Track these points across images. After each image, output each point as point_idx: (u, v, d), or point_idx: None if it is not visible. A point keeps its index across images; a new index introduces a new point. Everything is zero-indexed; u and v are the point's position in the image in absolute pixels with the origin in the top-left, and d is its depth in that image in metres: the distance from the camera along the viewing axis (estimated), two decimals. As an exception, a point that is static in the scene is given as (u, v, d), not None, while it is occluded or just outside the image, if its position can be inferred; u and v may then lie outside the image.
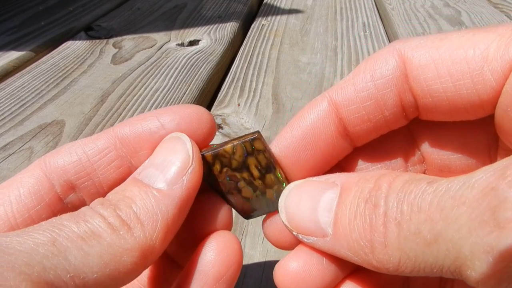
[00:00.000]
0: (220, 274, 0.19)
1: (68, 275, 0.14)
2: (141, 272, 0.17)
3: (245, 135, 0.21)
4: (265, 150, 0.20)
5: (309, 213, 0.19)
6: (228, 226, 0.21)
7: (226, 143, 0.21)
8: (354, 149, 0.21)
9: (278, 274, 0.20)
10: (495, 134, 0.18)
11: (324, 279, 0.19)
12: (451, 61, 0.17)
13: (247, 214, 0.22)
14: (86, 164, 0.19)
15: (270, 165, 0.21)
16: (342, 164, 0.22)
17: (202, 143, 0.20)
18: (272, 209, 0.21)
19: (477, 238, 0.13)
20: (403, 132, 0.21)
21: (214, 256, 0.19)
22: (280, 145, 0.21)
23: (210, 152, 0.21)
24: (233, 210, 0.22)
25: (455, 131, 0.20)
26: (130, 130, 0.20)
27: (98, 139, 0.20)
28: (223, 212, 0.21)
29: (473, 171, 0.14)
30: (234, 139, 0.21)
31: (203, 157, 0.20)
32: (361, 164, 0.22)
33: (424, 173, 0.21)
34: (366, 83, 0.19)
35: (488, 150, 0.19)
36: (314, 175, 0.21)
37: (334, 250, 0.18)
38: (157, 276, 0.23)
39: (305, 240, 0.19)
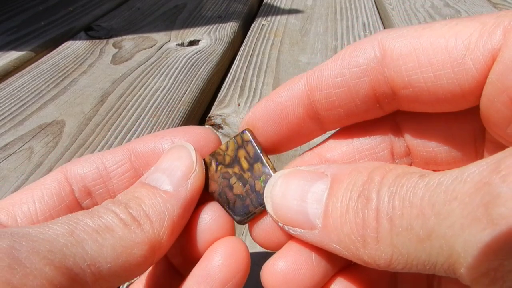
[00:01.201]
0: (227, 279, 0.19)
1: (85, 263, 0.15)
2: (149, 266, 0.18)
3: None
4: (253, 140, 0.21)
5: (296, 204, 0.18)
6: (231, 234, 0.21)
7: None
8: (339, 141, 0.21)
9: (265, 275, 0.19)
10: (481, 126, 0.18)
11: (313, 278, 0.19)
12: (432, 50, 0.17)
13: (238, 215, 0.21)
14: (103, 172, 0.21)
15: (257, 154, 0.21)
16: (325, 154, 0.22)
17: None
18: (262, 205, 0.21)
19: (470, 235, 0.12)
20: (389, 124, 0.21)
21: (222, 261, 0.19)
22: (253, 114, 0.21)
23: (207, 156, 0.22)
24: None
25: (440, 123, 0.19)
26: (144, 146, 0.22)
27: (115, 152, 0.22)
28: (225, 220, 0.21)
29: (466, 165, 0.14)
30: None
31: (203, 162, 0.21)
32: (347, 156, 0.21)
33: (410, 165, 0.21)
34: (341, 69, 0.19)
35: (474, 143, 0.19)
36: (281, 151, 0.22)
37: (323, 243, 0.17)
38: (161, 285, 0.23)
39: (292, 232, 0.19)
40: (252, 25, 0.80)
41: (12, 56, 0.62)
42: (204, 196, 0.21)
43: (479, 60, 0.16)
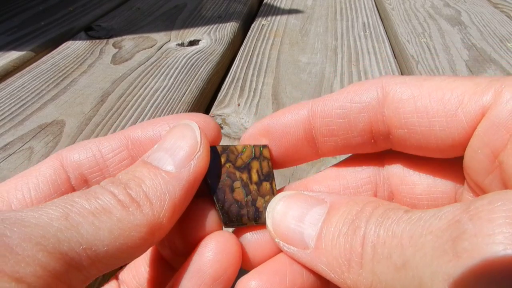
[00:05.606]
0: (217, 274, 0.19)
1: (81, 247, 0.15)
2: (148, 248, 0.18)
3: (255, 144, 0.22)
4: (270, 160, 0.22)
5: (294, 224, 0.19)
6: (220, 228, 0.21)
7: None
8: (327, 177, 0.23)
9: None
10: (462, 178, 0.20)
11: None
12: (430, 100, 0.18)
13: (229, 219, 0.21)
14: (99, 160, 0.21)
15: (270, 174, 0.22)
16: (312, 186, 0.23)
17: None
18: (256, 220, 0.21)
19: (437, 266, 0.13)
20: (375, 167, 0.22)
21: (212, 256, 0.19)
22: (256, 128, 0.22)
23: (220, 146, 0.22)
24: None
25: (425, 172, 0.21)
26: (141, 133, 0.21)
27: (111, 139, 0.21)
28: (213, 215, 0.21)
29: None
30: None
31: (213, 149, 0.21)
32: (332, 191, 0.22)
33: None
34: (345, 102, 0.20)
35: (455, 193, 0.21)
36: (274, 168, 0.23)
37: (312, 263, 0.18)
38: (154, 278, 0.23)
39: (286, 249, 0.20)
40: (252, 25, 0.80)
41: (12, 56, 0.62)
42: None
43: (470, 114, 0.17)
